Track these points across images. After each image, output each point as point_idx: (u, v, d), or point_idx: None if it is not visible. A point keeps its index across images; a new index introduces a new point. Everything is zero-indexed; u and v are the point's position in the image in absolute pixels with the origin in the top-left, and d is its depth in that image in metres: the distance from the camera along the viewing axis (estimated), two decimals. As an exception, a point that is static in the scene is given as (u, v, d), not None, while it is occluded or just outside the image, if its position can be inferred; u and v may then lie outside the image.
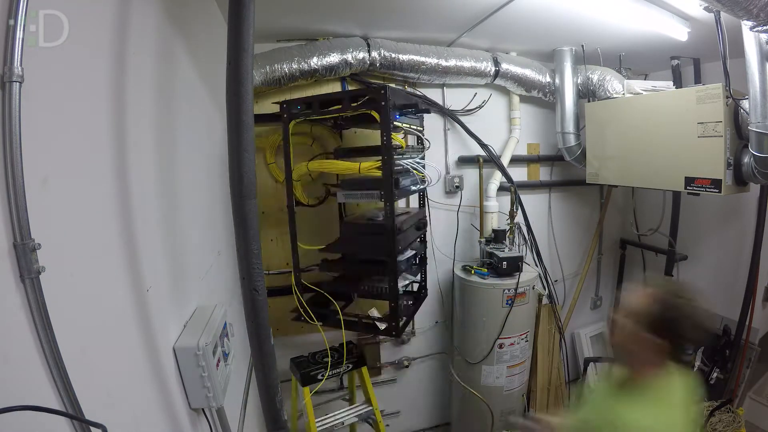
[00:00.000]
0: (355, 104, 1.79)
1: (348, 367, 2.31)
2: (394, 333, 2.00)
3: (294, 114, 1.92)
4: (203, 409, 1.24)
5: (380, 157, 1.81)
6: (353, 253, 2.10)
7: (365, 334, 2.72)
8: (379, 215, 2.05)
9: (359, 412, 2.35)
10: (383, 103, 1.75)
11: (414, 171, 2.05)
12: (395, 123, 1.96)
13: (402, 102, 2.08)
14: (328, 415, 2.30)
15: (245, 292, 0.86)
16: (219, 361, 1.20)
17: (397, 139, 2.25)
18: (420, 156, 2.20)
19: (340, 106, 1.83)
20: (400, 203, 2.76)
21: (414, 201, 2.75)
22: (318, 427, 2.19)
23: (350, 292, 2.26)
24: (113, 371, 0.82)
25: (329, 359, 2.24)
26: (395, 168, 1.84)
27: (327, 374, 2.21)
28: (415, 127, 2.25)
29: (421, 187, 2.22)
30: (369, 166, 1.85)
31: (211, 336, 1.16)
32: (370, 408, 2.35)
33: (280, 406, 0.94)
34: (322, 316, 2.09)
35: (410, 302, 2.37)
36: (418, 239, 2.43)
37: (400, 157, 1.98)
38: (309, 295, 2.13)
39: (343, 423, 2.29)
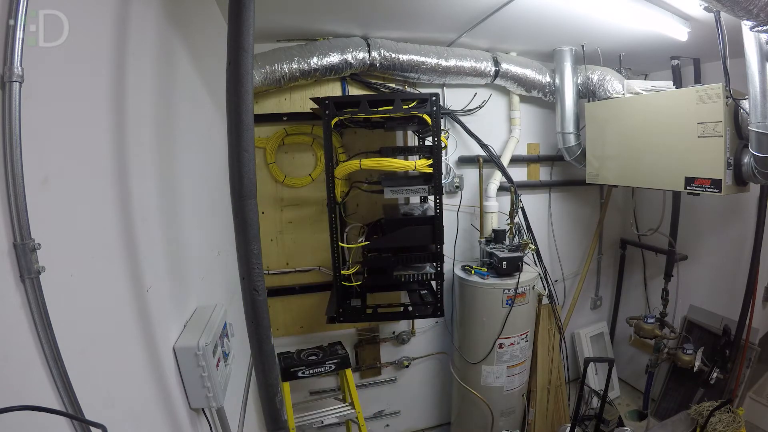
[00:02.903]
0: (406, 107, 1.93)
1: (330, 368, 2.29)
2: (439, 312, 2.17)
3: (337, 112, 1.93)
4: (203, 409, 1.24)
5: (418, 155, 2.05)
6: (399, 245, 2.11)
7: (394, 321, 2.89)
8: (413, 210, 2.31)
9: (341, 414, 2.34)
10: (435, 108, 1.94)
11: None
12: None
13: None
14: (310, 413, 2.33)
15: (245, 292, 0.86)
16: (219, 361, 1.20)
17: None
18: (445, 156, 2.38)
19: (391, 107, 1.94)
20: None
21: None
22: (297, 423, 2.23)
23: (390, 283, 2.24)
24: (113, 371, 0.82)
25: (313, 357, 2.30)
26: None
27: (308, 372, 2.24)
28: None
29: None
30: (423, 164, 1.97)
31: (211, 336, 1.16)
32: (353, 411, 2.35)
33: (280, 405, 0.94)
34: (357, 313, 2.17)
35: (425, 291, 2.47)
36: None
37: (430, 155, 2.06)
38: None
39: (322, 422, 2.30)
